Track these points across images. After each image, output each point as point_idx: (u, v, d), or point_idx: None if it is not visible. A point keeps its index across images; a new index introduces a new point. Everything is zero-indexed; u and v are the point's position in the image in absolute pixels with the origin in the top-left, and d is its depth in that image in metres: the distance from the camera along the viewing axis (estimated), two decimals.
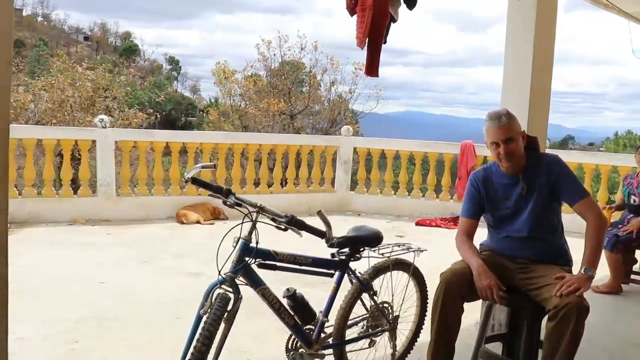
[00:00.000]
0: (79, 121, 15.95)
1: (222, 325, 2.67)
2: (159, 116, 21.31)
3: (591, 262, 3.04)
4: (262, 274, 2.96)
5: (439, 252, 4.10)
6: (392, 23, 3.74)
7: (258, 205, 2.74)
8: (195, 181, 2.82)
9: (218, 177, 8.96)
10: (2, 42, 1.97)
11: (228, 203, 2.77)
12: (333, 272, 3.17)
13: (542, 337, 3.12)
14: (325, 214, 2.90)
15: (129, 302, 4.83)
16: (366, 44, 3.64)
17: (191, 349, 2.54)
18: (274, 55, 22.73)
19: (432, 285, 3.53)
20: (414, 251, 3.44)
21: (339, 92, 22.81)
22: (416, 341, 3.72)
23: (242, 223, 2.77)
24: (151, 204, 8.27)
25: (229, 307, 2.66)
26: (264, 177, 9.52)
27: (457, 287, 3.12)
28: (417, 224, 8.72)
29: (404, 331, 3.67)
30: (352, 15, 3.68)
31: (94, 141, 8.14)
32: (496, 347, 3.71)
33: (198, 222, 8.02)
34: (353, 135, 10.14)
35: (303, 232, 2.79)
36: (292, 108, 22.00)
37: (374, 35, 3.57)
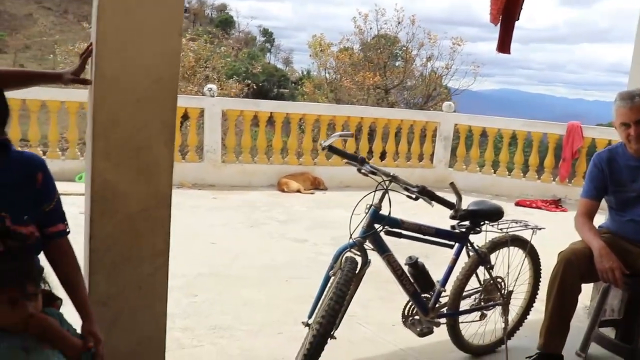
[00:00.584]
0: (181, 90, 16.64)
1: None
2: (255, 87, 21.86)
3: None
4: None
5: (550, 233, 4.06)
6: None
7: (391, 174, 2.84)
8: (332, 149, 2.94)
9: (319, 147, 9.14)
10: (174, 12, 2.15)
11: (362, 171, 2.88)
12: (453, 243, 3.23)
13: None
14: (457, 187, 2.97)
15: (241, 262, 5.10)
16: (500, 20, 3.62)
17: (324, 307, 2.67)
18: (370, 28, 22.65)
19: (545, 264, 3.55)
20: (532, 229, 3.43)
21: (435, 67, 22.46)
22: (526, 318, 3.74)
23: (374, 191, 2.88)
24: (254, 172, 8.58)
25: (357, 270, 2.78)
26: (364, 150, 9.62)
27: (577, 267, 3.10)
28: (517, 204, 8.55)
29: (514, 307, 3.69)
30: None
31: (202, 109, 8.50)
32: (608, 332, 3.67)
33: (298, 191, 8.25)
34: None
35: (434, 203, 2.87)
36: (387, 82, 21.87)
37: (509, 11, 3.54)
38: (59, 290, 1.96)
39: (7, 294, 1.68)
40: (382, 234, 2.97)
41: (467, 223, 3.25)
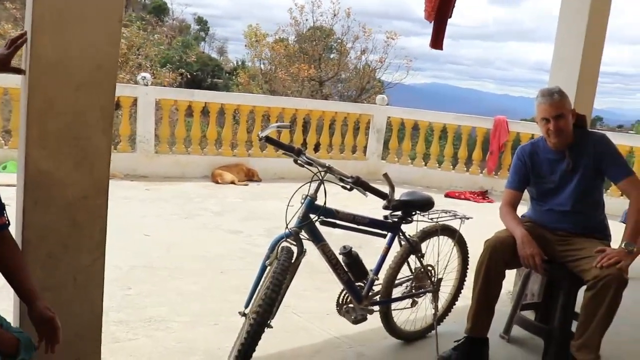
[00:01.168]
0: None
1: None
2: (188, 76, 21.49)
3: (633, 237, 3.15)
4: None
5: (476, 223, 4.25)
6: None
7: (327, 165, 2.90)
8: (269, 140, 2.97)
9: (253, 138, 9.13)
10: (115, 2, 2.12)
11: (299, 162, 2.93)
12: (386, 233, 3.34)
13: (577, 308, 3.27)
14: (390, 178, 3.06)
15: (175, 254, 5.06)
16: (433, 18, 3.74)
17: (261, 296, 2.72)
18: (306, 20, 22.69)
19: (472, 252, 3.72)
20: (460, 218, 3.59)
21: (369, 60, 22.76)
22: (454, 304, 3.91)
23: (310, 182, 2.93)
24: (188, 163, 8.48)
25: (293, 260, 2.84)
26: (298, 141, 9.67)
27: (501, 254, 3.27)
28: (447, 195, 8.85)
29: (443, 294, 3.85)
30: None
31: (135, 98, 8.31)
32: (529, 315, 3.90)
33: (233, 182, 8.22)
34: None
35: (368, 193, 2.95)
36: (322, 74, 22.00)
37: (442, 9, 3.66)
38: None
39: None
40: (317, 224, 3.03)
41: (399, 213, 3.36)
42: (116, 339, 3.42)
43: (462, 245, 3.77)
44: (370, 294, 3.33)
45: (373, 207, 3.72)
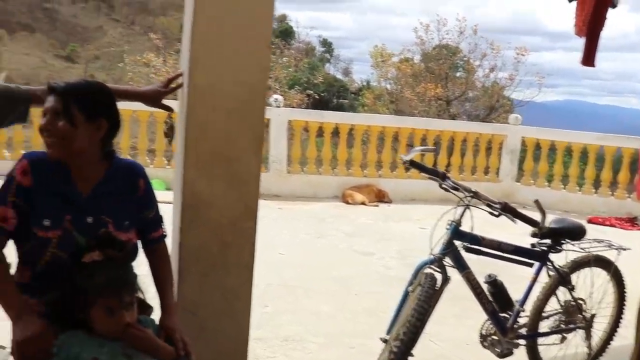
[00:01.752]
0: None
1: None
2: (316, 97, 22.02)
3: None
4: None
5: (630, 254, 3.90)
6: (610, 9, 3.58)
7: (473, 190, 2.80)
8: (413, 164, 2.93)
9: (383, 159, 9.14)
10: (264, 26, 2.20)
11: (443, 186, 2.86)
12: (533, 262, 3.15)
13: None
14: (541, 204, 2.90)
15: (309, 274, 5.11)
16: (585, 32, 3.53)
17: (405, 323, 2.65)
18: (432, 39, 22.43)
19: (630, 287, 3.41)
20: (616, 249, 3.31)
21: (498, 78, 22.02)
22: (609, 344, 3.59)
23: (456, 207, 2.84)
24: (319, 183, 8.62)
25: (437, 287, 2.75)
26: (428, 163, 9.52)
27: None
28: (589, 221, 8.23)
29: (597, 332, 3.55)
30: (570, 0, 3.57)
31: (267, 120, 8.59)
32: None
33: (363, 203, 8.23)
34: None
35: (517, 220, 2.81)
36: (449, 93, 21.61)
37: (594, 22, 3.45)
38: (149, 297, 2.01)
39: (105, 304, 1.71)
40: (461, 250, 2.92)
41: (547, 241, 3.16)
42: (256, 356, 3.49)
43: (618, 279, 3.46)
44: (515, 326, 3.15)
45: (509, 234, 3.53)
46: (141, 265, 1.99)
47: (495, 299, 3.04)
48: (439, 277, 2.81)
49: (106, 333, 1.73)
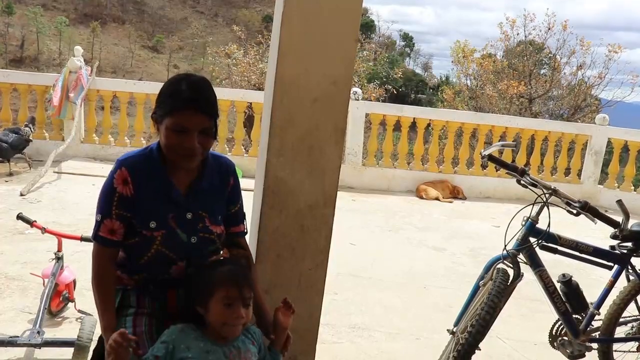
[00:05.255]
0: None
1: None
2: (393, 92, 21.91)
3: None
4: None
5: None
6: None
7: (552, 188, 2.77)
8: (492, 158, 2.92)
9: (460, 155, 9.03)
10: (352, 20, 2.26)
11: (522, 182, 2.83)
12: (612, 264, 3.07)
13: None
14: (624, 204, 2.83)
15: (379, 265, 5.17)
16: None
17: (474, 316, 2.66)
18: (517, 34, 21.80)
19: None
20: None
21: (586, 76, 21.11)
22: None
23: (533, 204, 2.82)
24: (393, 177, 8.63)
25: (508, 283, 2.74)
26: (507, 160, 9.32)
27: None
28: None
29: None
30: None
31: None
32: None
33: (437, 198, 8.18)
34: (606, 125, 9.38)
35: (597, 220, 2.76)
36: (532, 91, 20.94)
37: None
38: None
39: (225, 294, 1.73)
40: (536, 248, 2.89)
41: (629, 244, 3.07)
42: (322, 340, 3.57)
43: None
44: (588, 329, 3.09)
45: (586, 236, 3.43)
46: None
47: (569, 300, 2.99)
48: (511, 273, 2.79)
49: (219, 328, 1.74)
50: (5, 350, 3.02)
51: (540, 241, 2.85)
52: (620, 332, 3.24)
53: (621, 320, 3.17)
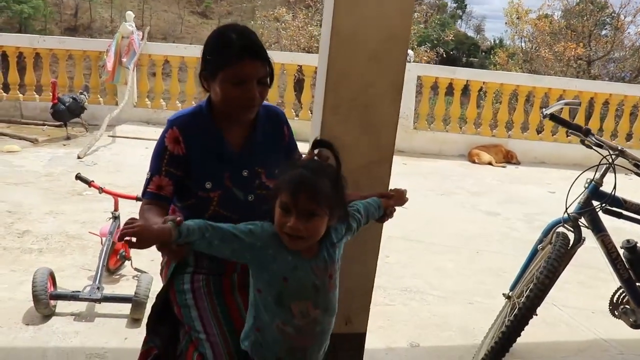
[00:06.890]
0: None
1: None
2: (444, 55, 21.40)
3: None
4: None
5: None
6: None
7: (619, 148, 2.63)
8: (554, 117, 2.80)
9: (514, 119, 8.79)
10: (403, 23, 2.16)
11: (586, 142, 2.71)
12: None
13: None
14: None
15: (432, 229, 5.11)
16: None
17: (533, 281, 2.59)
18: None
19: None
20: None
21: None
22: None
23: (597, 165, 2.69)
24: (445, 140, 8.48)
25: (569, 247, 2.65)
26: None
27: None
28: None
29: None
30: None
31: None
32: None
33: (490, 163, 8.01)
34: None
35: None
36: (591, 53, 20.07)
37: None
38: None
39: (282, 199, 1.55)
40: (600, 212, 2.77)
41: None
42: (375, 302, 3.55)
43: None
44: None
45: None
46: None
47: (633, 267, 2.86)
48: (572, 237, 2.69)
49: (280, 233, 1.57)
50: (69, 304, 3.19)
51: (604, 204, 2.73)
52: None
53: None
